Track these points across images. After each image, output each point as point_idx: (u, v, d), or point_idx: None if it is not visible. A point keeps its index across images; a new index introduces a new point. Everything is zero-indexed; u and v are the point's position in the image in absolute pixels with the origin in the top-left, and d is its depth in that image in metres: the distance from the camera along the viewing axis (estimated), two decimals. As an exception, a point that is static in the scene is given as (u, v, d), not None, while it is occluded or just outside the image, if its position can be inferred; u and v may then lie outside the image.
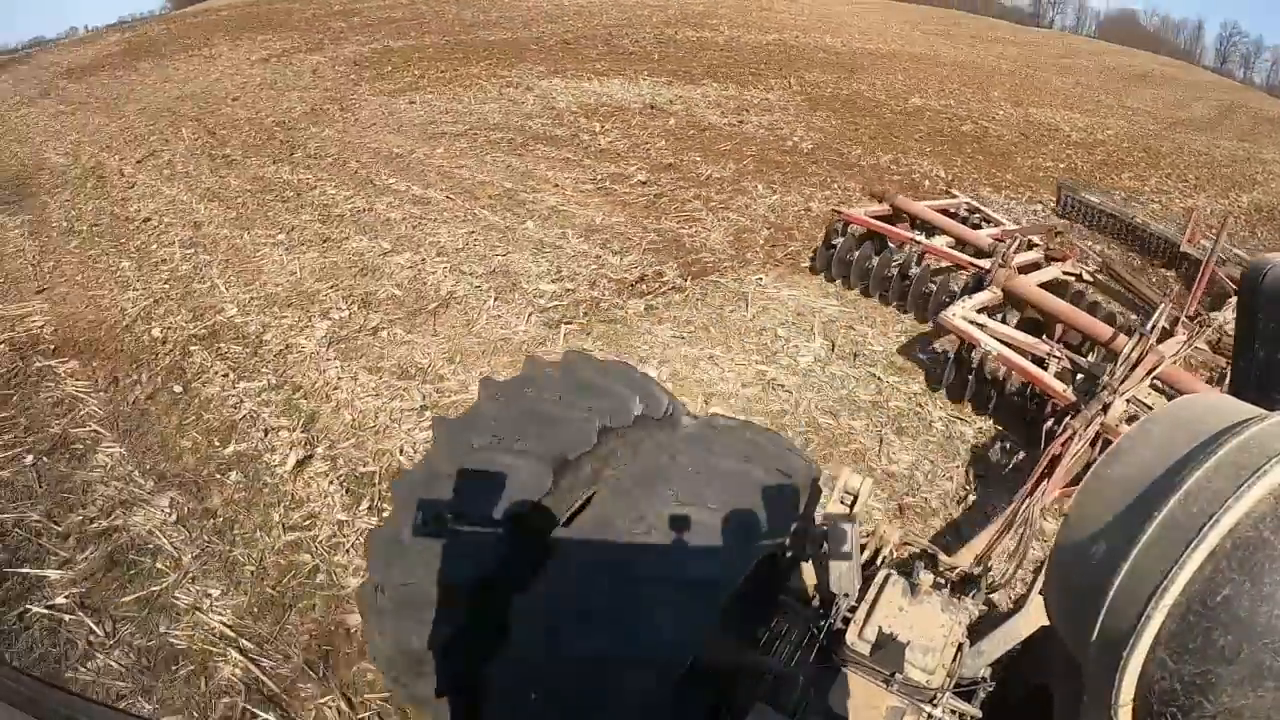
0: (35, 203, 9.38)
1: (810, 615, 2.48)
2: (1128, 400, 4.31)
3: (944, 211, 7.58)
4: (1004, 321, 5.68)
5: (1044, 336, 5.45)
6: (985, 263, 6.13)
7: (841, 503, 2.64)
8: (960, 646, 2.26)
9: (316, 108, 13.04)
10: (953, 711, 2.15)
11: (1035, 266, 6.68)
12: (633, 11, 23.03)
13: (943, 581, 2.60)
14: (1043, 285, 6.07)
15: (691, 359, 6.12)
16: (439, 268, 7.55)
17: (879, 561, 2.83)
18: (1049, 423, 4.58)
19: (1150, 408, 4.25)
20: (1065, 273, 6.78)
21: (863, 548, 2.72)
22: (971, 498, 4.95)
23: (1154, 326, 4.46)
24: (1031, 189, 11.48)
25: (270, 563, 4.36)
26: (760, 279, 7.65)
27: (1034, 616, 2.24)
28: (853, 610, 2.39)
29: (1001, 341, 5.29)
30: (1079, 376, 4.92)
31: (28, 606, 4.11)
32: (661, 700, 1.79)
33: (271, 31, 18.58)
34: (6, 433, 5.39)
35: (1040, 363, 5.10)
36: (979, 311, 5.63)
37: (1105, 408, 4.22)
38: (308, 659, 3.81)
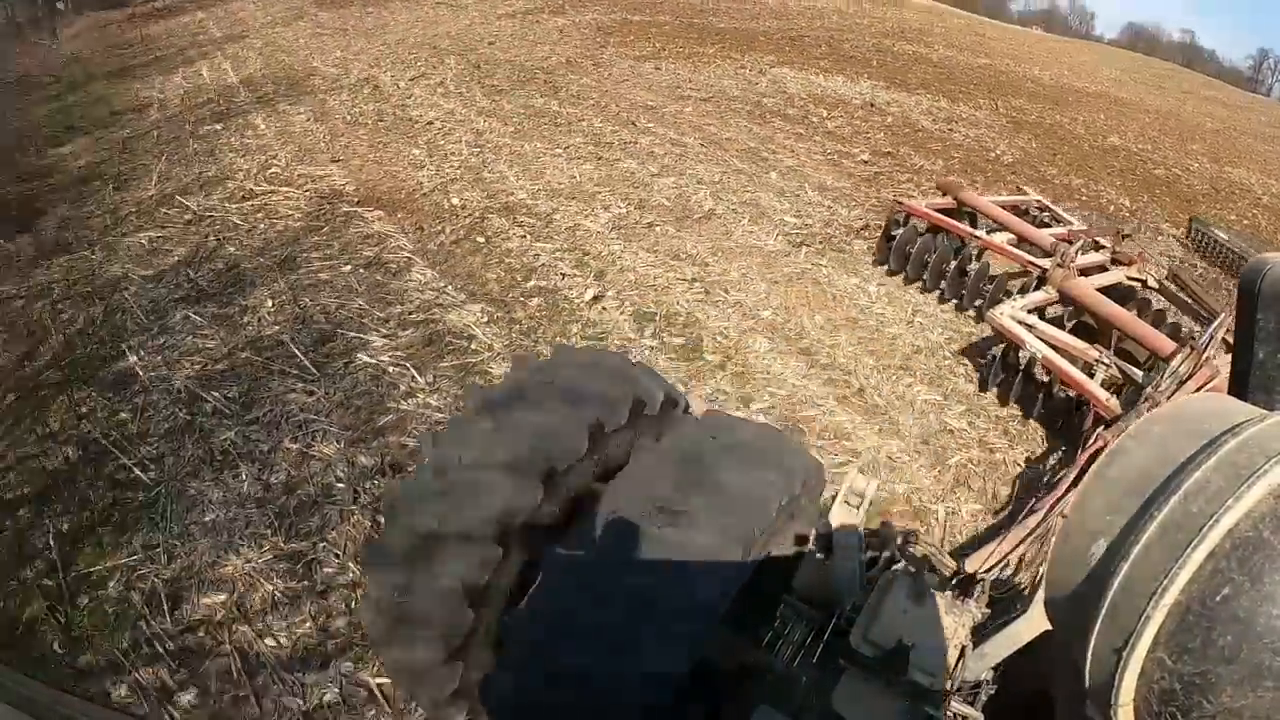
0: (313, 100, 11.08)
1: (814, 616, 2.48)
2: (1171, 415, 4.11)
3: (1012, 209, 7.32)
4: (1061, 324, 5.51)
5: (1096, 343, 5.22)
6: (1044, 262, 5.91)
7: (848, 503, 2.64)
8: (964, 649, 2.26)
9: (571, 60, 14.48)
10: (956, 715, 2.14)
11: (1100, 269, 6.39)
12: (854, 20, 24.27)
13: (948, 583, 2.59)
14: (1104, 289, 5.81)
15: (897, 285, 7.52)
16: (700, 191, 8.96)
17: (883, 563, 2.83)
18: (1089, 431, 4.40)
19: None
20: (1130, 278, 6.48)
21: (867, 548, 2.71)
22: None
23: (1209, 340, 4.17)
24: (1210, 234, 11.87)
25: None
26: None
27: (1037, 619, 2.23)
28: (856, 612, 2.39)
29: (1050, 344, 5.09)
30: (1128, 387, 4.68)
31: (356, 356, 5.35)
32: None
33: None
34: (323, 250, 6.79)
35: (1089, 369, 4.90)
36: (1030, 311, 5.42)
37: (1144, 421, 4.05)
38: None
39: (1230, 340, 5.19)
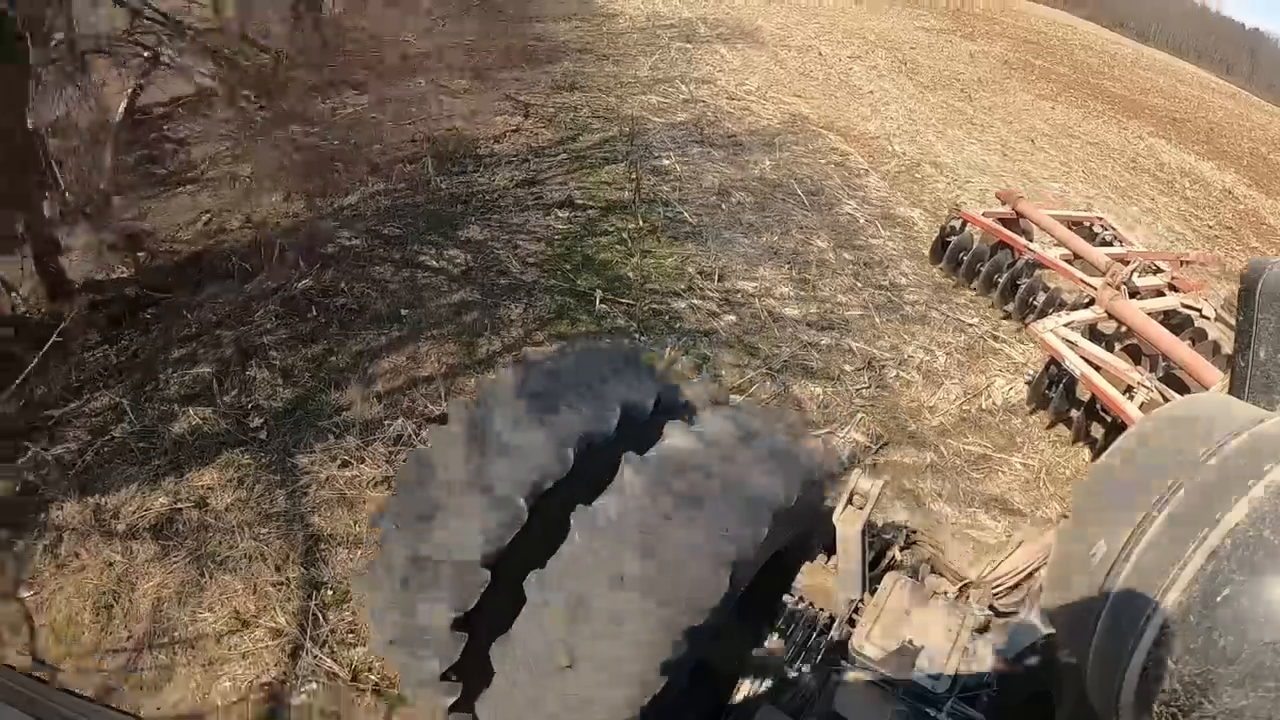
0: (767, 50, 13.46)
1: (816, 617, 2.48)
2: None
3: (1073, 225, 7.25)
4: (1111, 344, 5.38)
5: (1140, 365, 5.14)
6: (1095, 281, 5.76)
7: (852, 504, 2.63)
8: (965, 650, 2.26)
9: (981, 80, 16.01)
10: (957, 715, 2.14)
11: (1157, 294, 6.26)
12: (1236, 120, 24.74)
13: (949, 585, 2.59)
14: (1158, 314, 5.70)
15: None
16: (1077, 200, 10.19)
17: (886, 564, 2.83)
18: None
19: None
20: (1185, 304, 6.27)
21: (870, 549, 2.71)
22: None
23: None
24: None
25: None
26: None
27: (1036, 618, 2.23)
28: (859, 612, 2.39)
29: (1091, 363, 5.05)
30: None
31: (837, 207, 7.92)
32: None
33: (926, 11, 22.31)
34: (800, 146, 9.11)
35: (1129, 392, 4.81)
36: (1074, 328, 5.38)
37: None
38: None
39: None
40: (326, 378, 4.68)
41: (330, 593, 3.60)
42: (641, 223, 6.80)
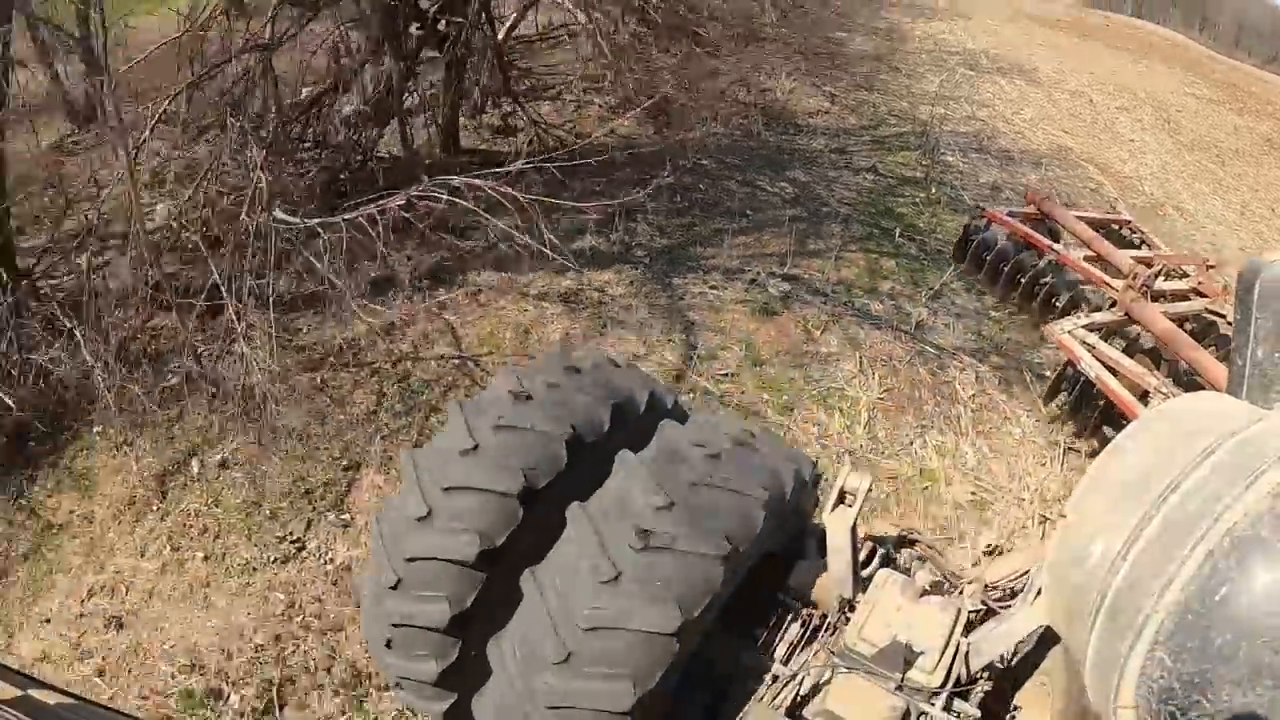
0: (1040, 90, 14.07)
1: (809, 614, 2.48)
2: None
3: (1100, 226, 7.18)
4: (1132, 348, 5.33)
5: (1158, 369, 5.10)
6: (1117, 283, 5.87)
7: (841, 501, 2.63)
8: (959, 645, 2.26)
9: (1238, 150, 16.34)
10: (951, 710, 2.15)
11: (1183, 298, 6.14)
12: None
13: (941, 581, 2.60)
14: (1181, 319, 5.62)
15: None
16: None
17: (877, 560, 2.83)
18: None
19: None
20: (1209, 310, 6.15)
21: (861, 546, 2.71)
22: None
23: None
24: None
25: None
26: None
27: (1032, 615, 2.23)
28: (851, 609, 2.38)
29: (1108, 366, 5.01)
30: None
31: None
32: None
33: (1201, 80, 22.24)
34: (1060, 171, 10.02)
35: (1144, 395, 4.88)
36: (1093, 330, 5.33)
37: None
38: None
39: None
40: (693, 237, 6.53)
41: (702, 354, 5.18)
42: (931, 193, 8.18)
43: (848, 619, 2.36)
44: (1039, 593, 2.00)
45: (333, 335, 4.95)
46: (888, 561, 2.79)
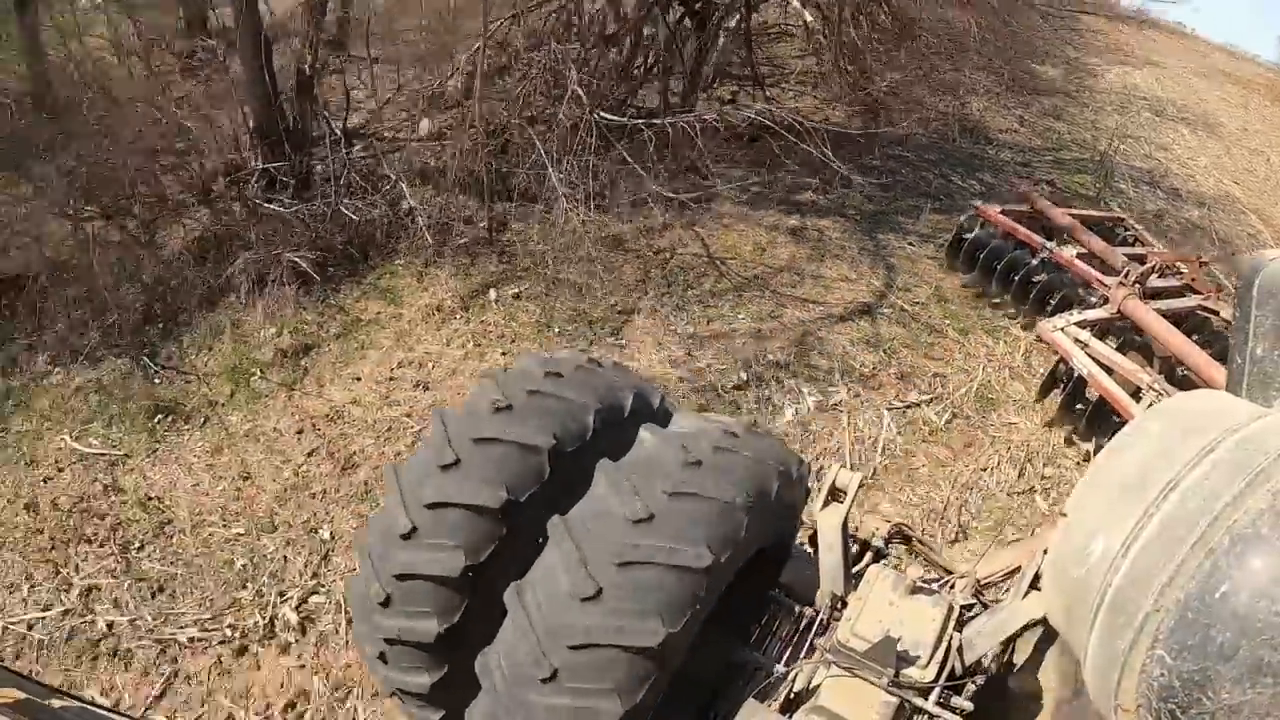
0: (1221, 142, 13.96)
1: (801, 611, 2.47)
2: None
3: (1093, 223, 6.98)
4: (1121, 344, 5.29)
5: (1150, 366, 5.07)
6: (1110, 280, 5.65)
7: (831, 499, 2.62)
8: (952, 641, 2.26)
9: None
10: (945, 705, 2.15)
11: (1176, 295, 6.15)
12: None
13: (933, 576, 2.60)
14: (1174, 316, 5.60)
15: None
16: None
17: (869, 557, 2.83)
18: None
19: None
20: (1203, 307, 6.18)
21: (853, 542, 2.71)
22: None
23: None
24: None
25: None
26: None
27: (1026, 610, 2.24)
28: (844, 606, 2.38)
29: (1100, 364, 4.89)
30: None
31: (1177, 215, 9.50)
32: None
33: None
34: (1213, 211, 10.06)
35: (1136, 393, 4.74)
36: (1084, 327, 5.19)
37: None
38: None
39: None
40: (895, 209, 7.84)
41: (899, 286, 6.49)
42: (1100, 207, 8.89)
43: (840, 616, 2.36)
44: (1030, 587, 2.01)
45: (611, 222, 6.47)
46: (880, 557, 2.79)
